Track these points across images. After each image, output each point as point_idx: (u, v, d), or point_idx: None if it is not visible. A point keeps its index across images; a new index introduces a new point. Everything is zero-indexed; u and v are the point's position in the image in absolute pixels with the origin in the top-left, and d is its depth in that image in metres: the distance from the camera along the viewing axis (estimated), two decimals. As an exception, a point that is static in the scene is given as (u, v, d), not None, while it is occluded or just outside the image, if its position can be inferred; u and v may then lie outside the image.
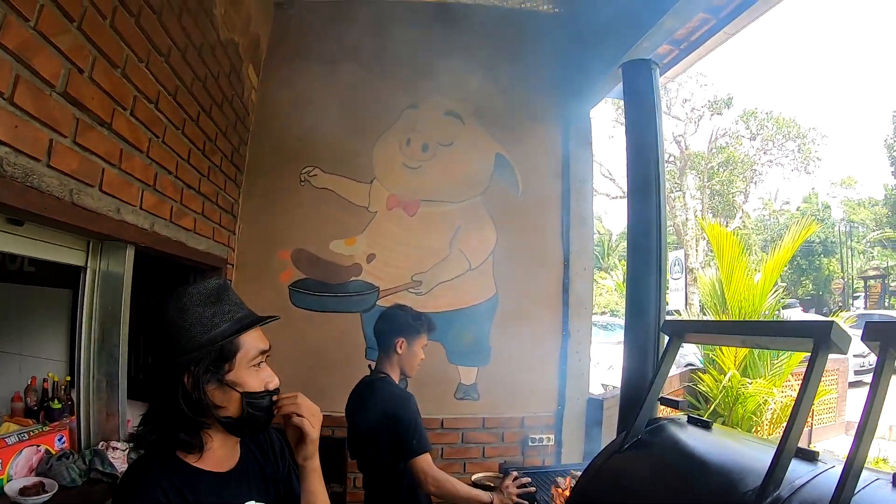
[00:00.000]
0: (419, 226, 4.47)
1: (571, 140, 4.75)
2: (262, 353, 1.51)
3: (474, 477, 3.57)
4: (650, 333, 3.06)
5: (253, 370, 1.49)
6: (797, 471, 1.46)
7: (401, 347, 2.99)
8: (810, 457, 1.57)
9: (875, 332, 1.36)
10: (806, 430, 7.34)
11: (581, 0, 4.49)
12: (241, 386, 1.45)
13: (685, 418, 2.15)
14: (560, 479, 3.27)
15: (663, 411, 3.44)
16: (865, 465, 1.27)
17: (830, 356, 1.65)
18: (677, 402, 2.23)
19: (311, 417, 1.56)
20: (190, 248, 3.39)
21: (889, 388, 1.34)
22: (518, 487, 2.85)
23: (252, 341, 1.49)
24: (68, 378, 3.35)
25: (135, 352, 3.09)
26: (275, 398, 1.52)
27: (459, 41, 4.65)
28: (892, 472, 1.38)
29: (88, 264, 2.77)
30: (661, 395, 2.20)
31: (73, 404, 3.02)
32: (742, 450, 1.92)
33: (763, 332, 1.99)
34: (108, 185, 2.42)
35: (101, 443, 2.83)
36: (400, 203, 4.46)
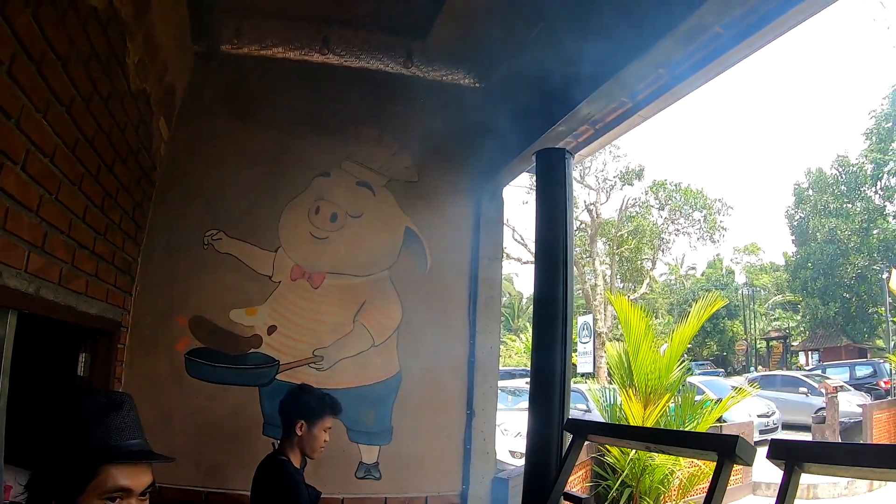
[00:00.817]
0: (323, 299, 4.32)
1: (483, 217, 4.76)
2: (121, 489, 1.38)
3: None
4: (554, 420, 3.00)
5: None
6: None
7: (300, 430, 2.98)
8: None
9: (780, 451, 1.35)
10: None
11: (502, 79, 4.54)
12: None
13: None
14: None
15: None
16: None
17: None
18: (581, 498, 2.19)
19: None
20: (80, 312, 3.09)
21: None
22: None
23: (115, 474, 1.37)
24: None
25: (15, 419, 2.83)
26: None
27: (377, 110, 4.64)
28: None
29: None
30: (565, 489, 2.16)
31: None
32: None
33: (668, 442, 1.97)
34: (-12, 247, 2.20)
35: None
36: (305, 274, 4.31)
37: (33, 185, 2.43)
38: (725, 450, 1.50)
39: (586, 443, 6.54)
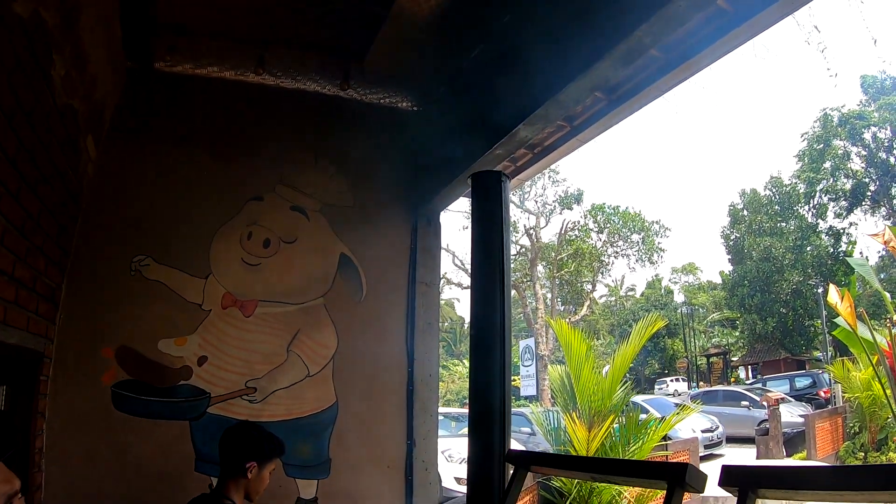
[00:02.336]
0: (256, 328, 4.17)
1: (420, 243, 4.71)
2: (11, 496, 1.28)
3: None
4: (494, 451, 2.92)
5: None
6: None
7: (251, 472, 2.79)
8: None
9: (733, 477, 1.33)
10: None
11: (439, 102, 4.50)
12: None
13: None
14: None
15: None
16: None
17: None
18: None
19: None
20: None
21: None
22: None
23: None
24: None
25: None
26: None
27: (313, 133, 4.56)
28: None
29: None
30: None
31: None
32: None
33: (616, 472, 1.93)
34: None
35: None
36: (236, 302, 4.16)
37: None
38: (676, 478, 1.48)
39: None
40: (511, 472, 2.19)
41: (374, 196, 4.65)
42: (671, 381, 38.38)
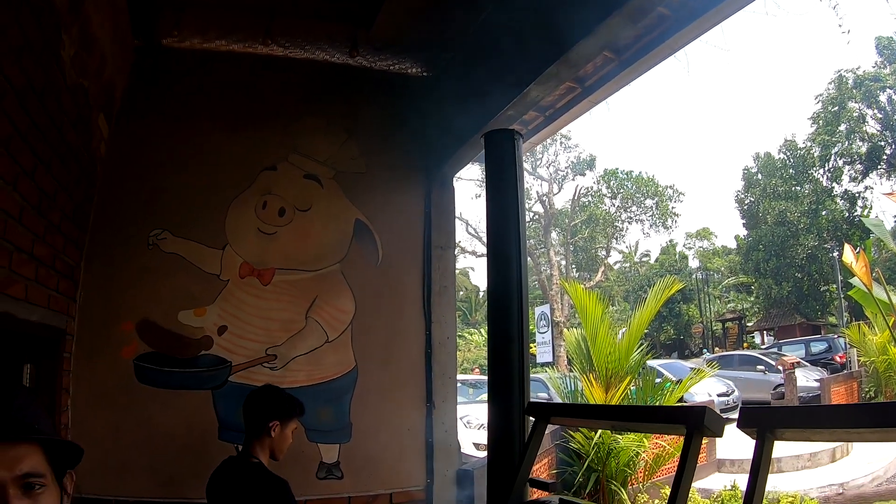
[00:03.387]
0: (274, 296, 4.20)
1: (434, 207, 4.70)
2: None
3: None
4: (514, 409, 2.95)
5: None
6: None
7: (275, 431, 2.94)
8: None
9: (751, 420, 1.32)
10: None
11: (449, 66, 4.46)
12: None
13: (557, 500, 2.07)
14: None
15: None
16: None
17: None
18: (548, 484, 2.14)
19: None
20: (20, 319, 2.89)
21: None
22: None
23: None
24: None
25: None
26: None
27: (323, 101, 4.53)
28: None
29: None
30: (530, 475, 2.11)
31: None
32: None
33: (633, 419, 1.93)
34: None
35: None
36: (254, 271, 4.18)
37: None
38: (694, 422, 1.47)
39: (550, 430, 6.56)
40: (531, 424, 2.20)
41: (387, 162, 4.64)
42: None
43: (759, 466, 1.29)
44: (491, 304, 3.11)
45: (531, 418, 2.34)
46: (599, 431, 6.90)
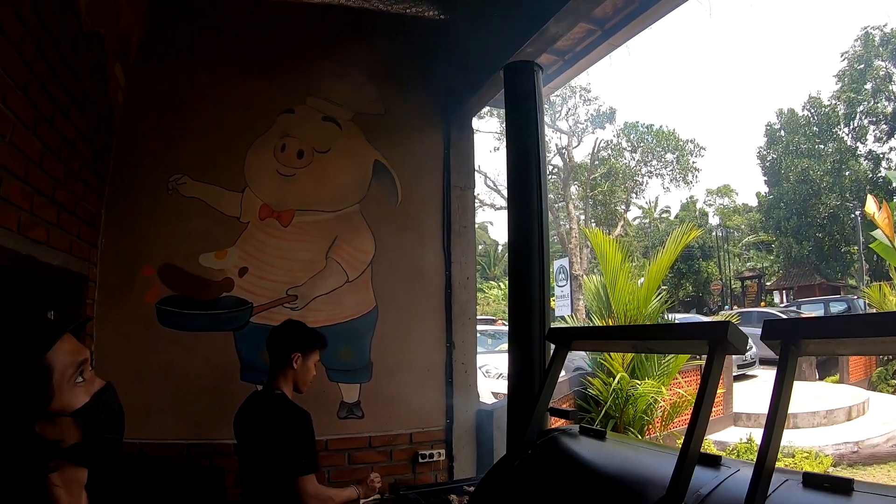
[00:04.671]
0: (294, 237, 4.22)
1: (452, 147, 4.68)
2: (79, 364, 1.26)
3: (363, 502, 3.43)
4: (535, 343, 2.98)
5: (76, 388, 1.24)
6: (701, 478, 1.40)
7: (296, 362, 3.02)
8: (713, 462, 1.52)
9: (775, 331, 1.30)
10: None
11: (466, 5, 4.37)
12: (69, 408, 1.21)
13: (577, 429, 2.07)
14: (453, 497, 3.16)
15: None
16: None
17: None
18: (568, 412, 2.15)
19: None
20: (43, 263, 2.93)
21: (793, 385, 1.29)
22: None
23: (62, 355, 1.23)
24: None
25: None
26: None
27: (340, 44, 4.46)
28: (802, 471, 1.33)
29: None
30: (550, 405, 2.11)
31: None
32: (640, 459, 1.86)
33: (655, 337, 1.92)
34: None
35: None
36: (273, 213, 4.19)
37: None
38: (717, 337, 1.44)
39: (568, 376, 6.59)
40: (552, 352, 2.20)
41: (405, 103, 4.61)
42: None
43: (783, 383, 1.26)
44: (512, 216, 3.11)
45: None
46: (618, 377, 6.94)
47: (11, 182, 2.54)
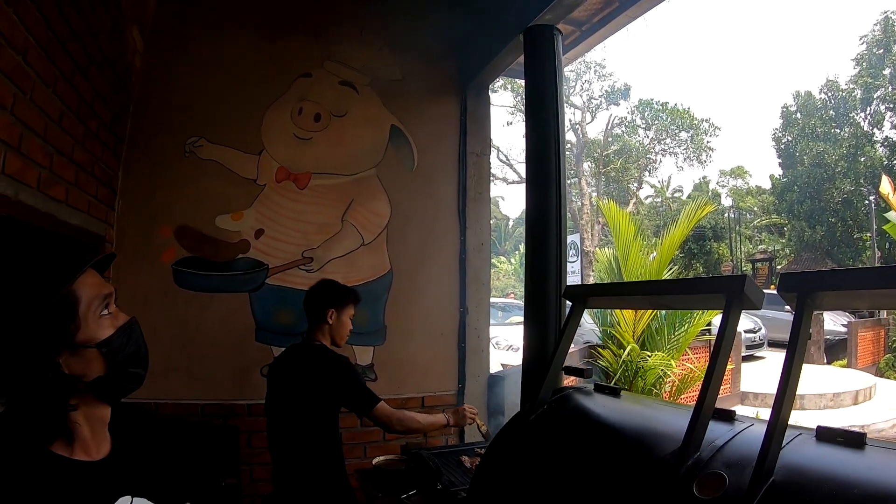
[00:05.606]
0: (310, 199, 4.24)
1: (469, 114, 4.68)
2: (105, 297, 1.27)
3: (375, 461, 3.48)
4: (551, 301, 3.01)
5: (103, 320, 1.26)
6: (716, 431, 1.42)
7: (331, 317, 3.18)
8: (727, 417, 1.53)
9: (790, 284, 1.29)
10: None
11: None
12: (95, 340, 1.22)
13: (592, 386, 2.09)
14: (465, 458, 3.22)
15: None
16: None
17: None
18: (582, 370, 2.17)
19: None
20: (62, 221, 2.96)
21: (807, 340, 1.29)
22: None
23: (87, 288, 1.24)
24: None
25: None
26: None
27: (357, 9, 4.46)
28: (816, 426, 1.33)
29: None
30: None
31: None
32: (654, 414, 1.87)
33: (671, 291, 1.92)
34: (-37, 143, 2.07)
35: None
36: (290, 175, 4.22)
37: (6, 81, 2.29)
38: (733, 292, 1.44)
39: (577, 348, 6.59)
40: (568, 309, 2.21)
41: (422, 69, 4.61)
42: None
43: (798, 337, 1.26)
44: (530, 191, 3.13)
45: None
46: (628, 349, 6.96)
47: (32, 139, 2.57)
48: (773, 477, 1.16)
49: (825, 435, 1.29)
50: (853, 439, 1.25)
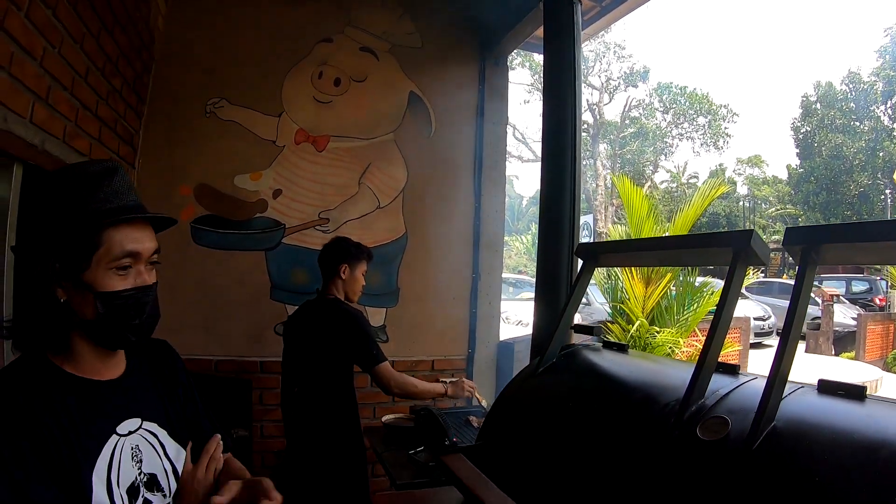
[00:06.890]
0: (328, 161, 4.30)
1: (487, 84, 4.70)
2: (130, 255, 1.26)
3: (385, 418, 3.55)
4: (563, 261, 3.05)
5: (114, 274, 1.24)
6: (719, 382, 1.46)
7: (344, 273, 3.26)
8: (731, 370, 1.57)
9: (795, 236, 1.31)
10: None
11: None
12: (96, 287, 1.22)
13: (601, 343, 2.13)
14: (473, 418, 3.29)
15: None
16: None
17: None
18: (591, 328, 2.21)
19: None
20: None
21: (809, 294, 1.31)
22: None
23: (120, 239, 1.24)
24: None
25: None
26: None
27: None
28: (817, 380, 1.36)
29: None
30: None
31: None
32: (662, 369, 1.91)
33: (680, 246, 1.96)
34: (-7, 88, 2.13)
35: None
36: (309, 137, 4.27)
37: (36, 34, 2.35)
38: (740, 245, 1.46)
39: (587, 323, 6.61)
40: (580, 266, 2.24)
41: (442, 37, 4.63)
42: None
43: (801, 290, 1.29)
44: (546, 158, 3.16)
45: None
46: (637, 324, 6.99)
47: (59, 92, 2.64)
48: (775, 423, 1.21)
49: (827, 388, 1.32)
50: (854, 392, 1.28)
